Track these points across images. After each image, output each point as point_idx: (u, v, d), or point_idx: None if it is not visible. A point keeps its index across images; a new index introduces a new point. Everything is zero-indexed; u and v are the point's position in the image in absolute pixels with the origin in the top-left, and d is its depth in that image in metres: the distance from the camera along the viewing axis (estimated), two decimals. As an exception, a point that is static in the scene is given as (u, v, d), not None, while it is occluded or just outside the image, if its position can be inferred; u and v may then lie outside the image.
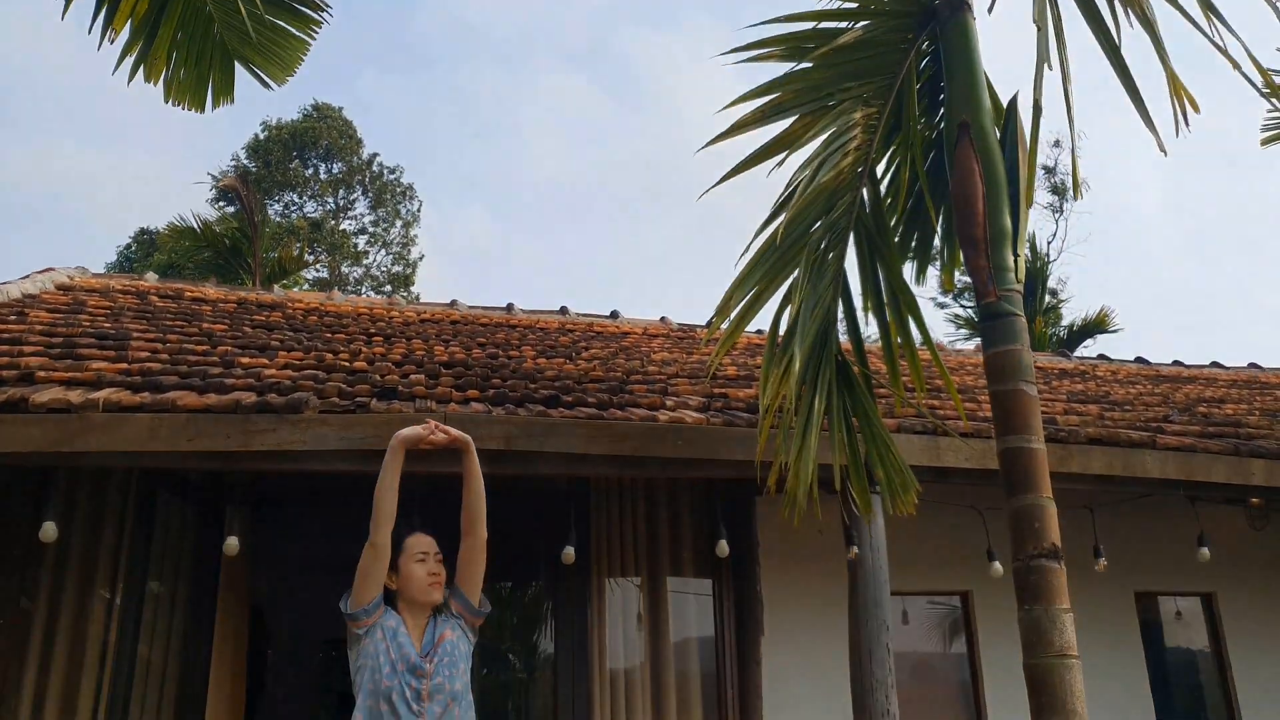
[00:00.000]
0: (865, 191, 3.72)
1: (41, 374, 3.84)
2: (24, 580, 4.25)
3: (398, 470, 3.05)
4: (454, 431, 3.12)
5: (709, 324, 3.53)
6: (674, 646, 5.31)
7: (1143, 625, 5.96)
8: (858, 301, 3.81)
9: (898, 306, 3.61)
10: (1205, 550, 5.22)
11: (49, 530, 3.77)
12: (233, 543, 4.07)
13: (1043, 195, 20.92)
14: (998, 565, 4.82)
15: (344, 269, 21.56)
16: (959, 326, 17.65)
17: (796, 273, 3.55)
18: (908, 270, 4.06)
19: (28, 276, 6.05)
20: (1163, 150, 3.07)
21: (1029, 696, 3.08)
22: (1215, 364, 8.50)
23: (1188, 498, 5.14)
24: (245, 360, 4.56)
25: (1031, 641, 3.09)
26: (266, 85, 4.75)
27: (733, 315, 3.54)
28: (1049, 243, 20.89)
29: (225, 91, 4.65)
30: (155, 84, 4.43)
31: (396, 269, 23.00)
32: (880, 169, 3.86)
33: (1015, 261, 3.47)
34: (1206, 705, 6.16)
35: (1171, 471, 4.69)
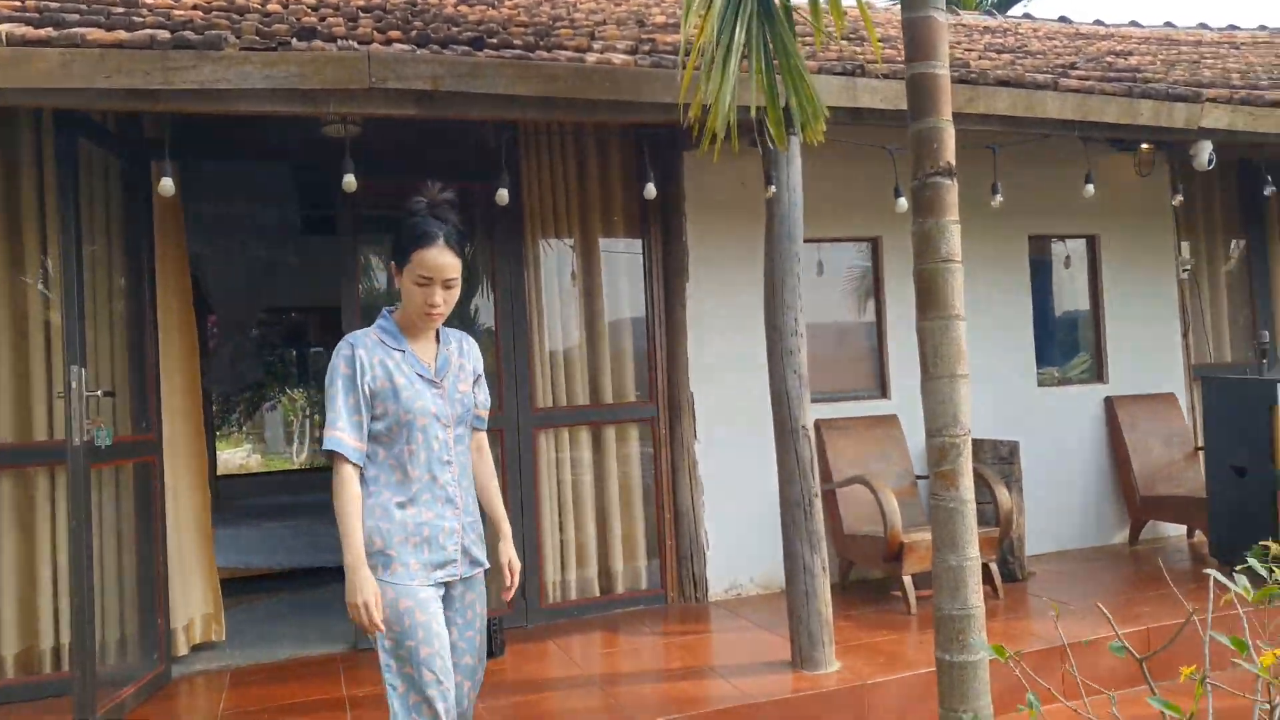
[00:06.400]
0: None
1: (-68, 7, 3.67)
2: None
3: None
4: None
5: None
6: (606, 300, 5.69)
7: (1033, 266, 6.53)
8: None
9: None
10: (1090, 188, 5.62)
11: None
12: (167, 183, 4.12)
13: None
14: (903, 201, 5.15)
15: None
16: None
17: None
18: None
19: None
20: None
21: (916, 298, 3.46)
22: (1133, 23, 8.59)
23: (1081, 139, 5.45)
24: (149, 0, 4.37)
25: (922, 250, 3.43)
26: None
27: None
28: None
29: None
30: None
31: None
32: None
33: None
34: (1080, 339, 6.92)
35: (1069, 112, 4.95)
